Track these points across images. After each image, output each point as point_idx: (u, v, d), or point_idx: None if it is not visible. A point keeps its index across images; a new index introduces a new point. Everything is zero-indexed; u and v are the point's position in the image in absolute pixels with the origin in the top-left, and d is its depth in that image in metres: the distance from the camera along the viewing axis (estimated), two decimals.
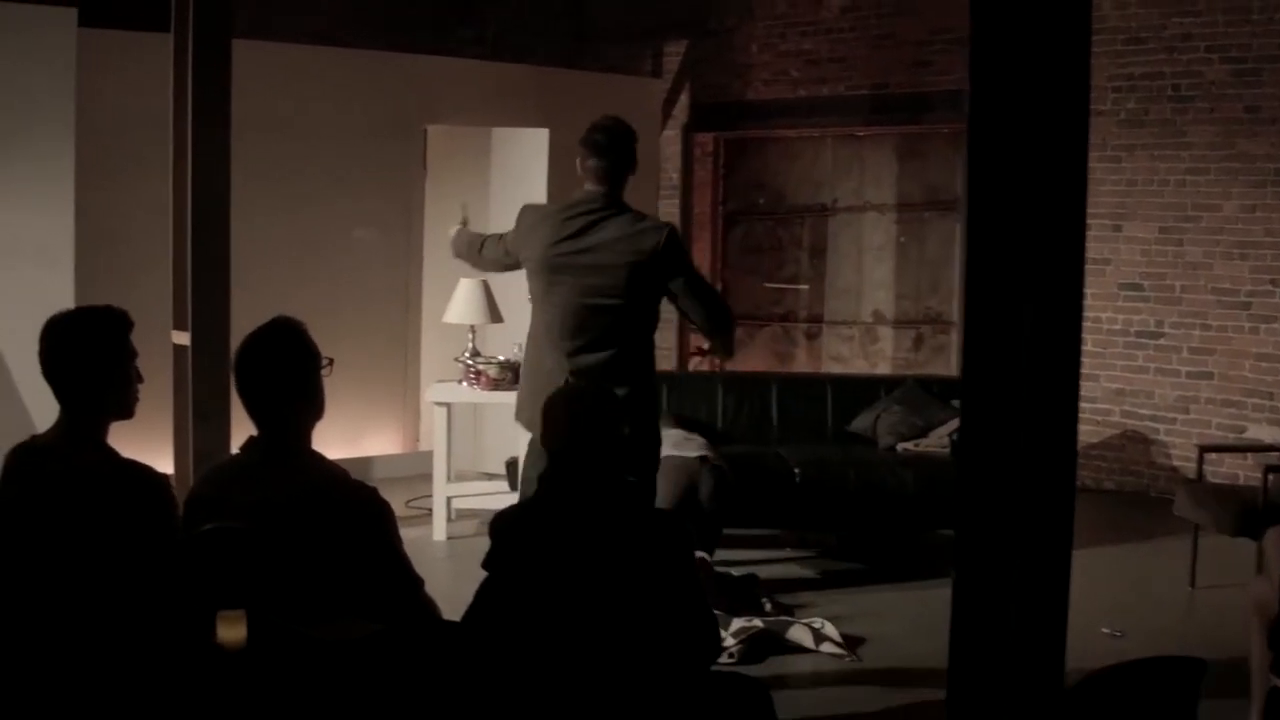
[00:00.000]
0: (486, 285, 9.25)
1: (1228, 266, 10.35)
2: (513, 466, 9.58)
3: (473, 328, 9.50)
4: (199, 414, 7.09)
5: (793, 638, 7.10)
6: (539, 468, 4.78)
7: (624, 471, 4.40)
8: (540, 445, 4.52)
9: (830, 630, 7.16)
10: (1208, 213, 10.43)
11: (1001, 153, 3.51)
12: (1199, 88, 10.40)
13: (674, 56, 13.31)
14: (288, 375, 4.14)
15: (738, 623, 7.07)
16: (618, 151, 6.29)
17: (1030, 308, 3.48)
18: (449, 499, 9.38)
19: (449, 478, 9.36)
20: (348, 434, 10.38)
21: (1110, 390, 10.90)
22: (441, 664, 3.57)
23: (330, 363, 4.30)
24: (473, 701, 3.50)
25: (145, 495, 2.74)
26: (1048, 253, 3.50)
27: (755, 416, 9.09)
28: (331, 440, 5.55)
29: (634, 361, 6.00)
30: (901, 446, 9.26)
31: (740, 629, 7.01)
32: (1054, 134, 3.46)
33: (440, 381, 9.72)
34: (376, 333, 10.89)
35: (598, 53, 13.34)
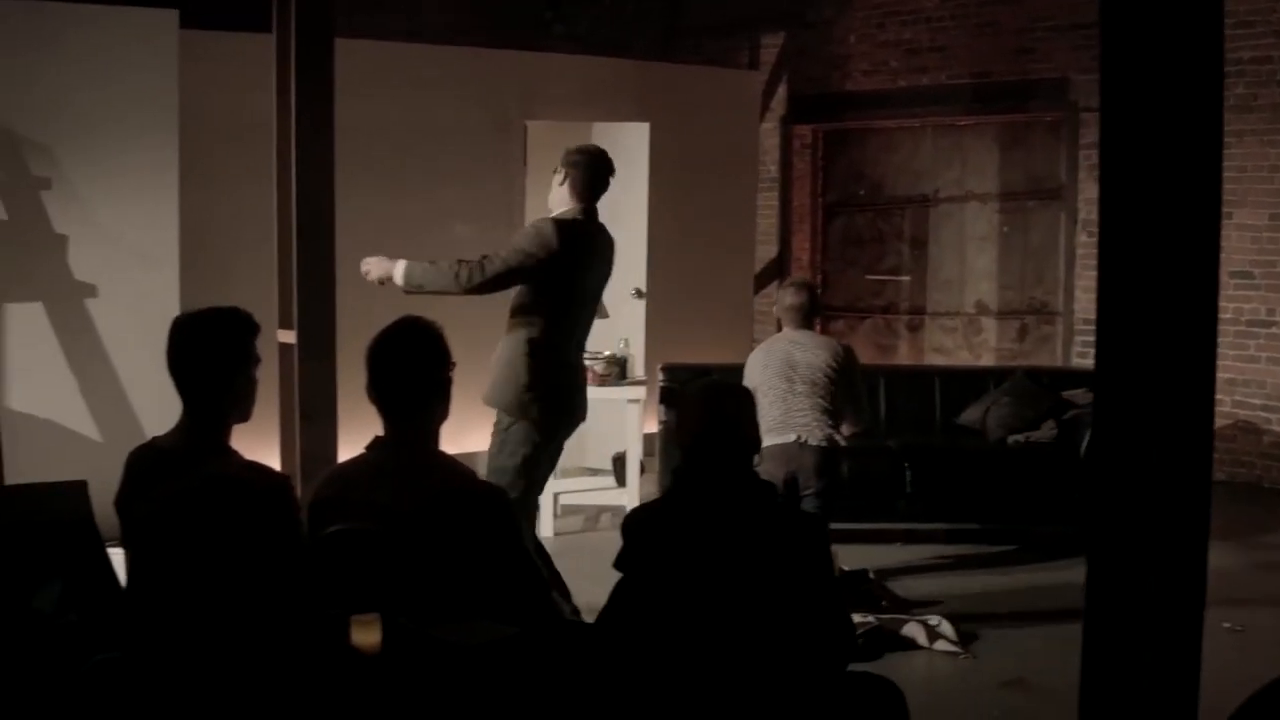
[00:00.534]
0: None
1: None
2: (619, 461, 9.58)
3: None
4: (305, 414, 7.12)
5: (907, 634, 7.04)
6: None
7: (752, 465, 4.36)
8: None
9: (946, 628, 7.09)
10: None
11: (1135, 143, 3.45)
12: None
13: (771, 48, 13.23)
14: (423, 374, 4.14)
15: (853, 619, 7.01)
16: (603, 173, 7.28)
17: (1165, 301, 3.42)
18: (555, 495, 9.36)
19: (555, 474, 9.32)
20: (451, 430, 10.29)
21: (1221, 380, 10.73)
22: (579, 667, 3.55)
23: (453, 365, 4.30)
24: (610, 704, 3.48)
25: (270, 500, 2.72)
26: (1183, 244, 3.44)
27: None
28: None
29: None
30: (1012, 439, 9.17)
31: (855, 625, 6.95)
32: (1188, 122, 3.40)
33: None
34: (480, 329, 10.88)
35: (693, 46, 13.29)
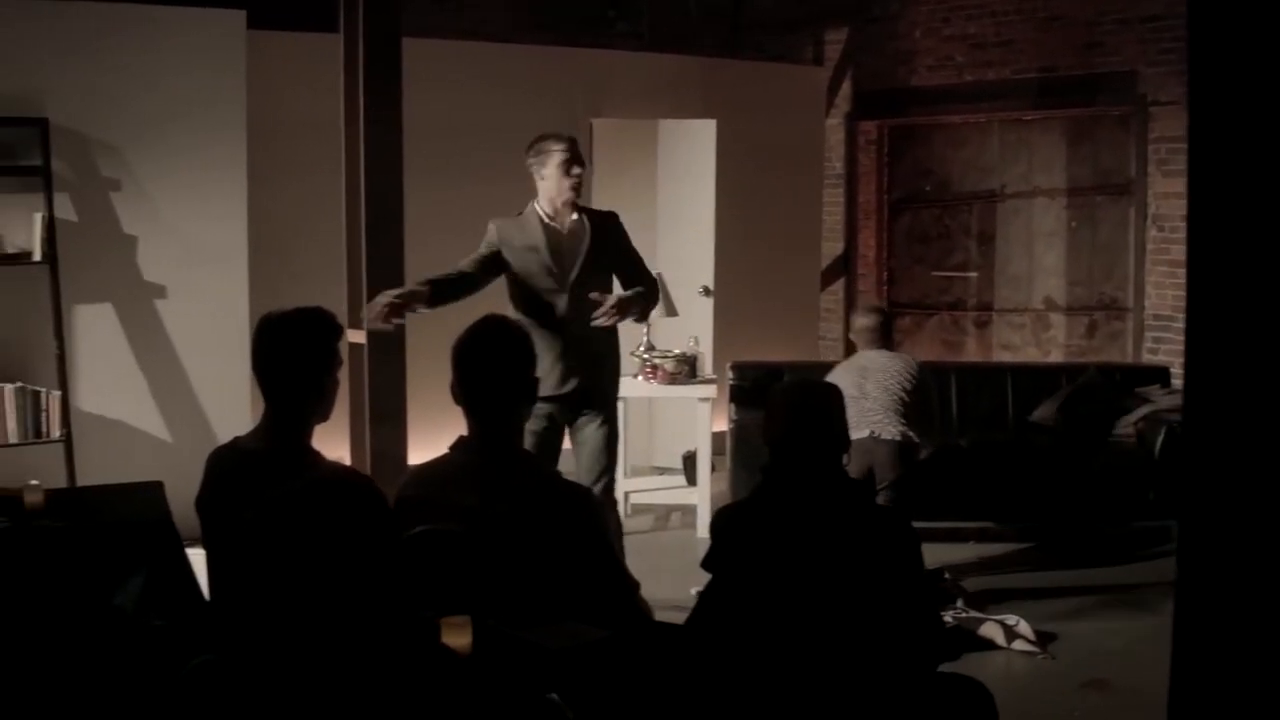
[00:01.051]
0: (661, 278, 9.14)
1: None
2: (690, 460, 9.54)
3: (648, 322, 9.42)
4: (375, 414, 7.12)
5: (985, 634, 6.99)
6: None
7: (842, 463, 4.32)
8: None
9: (1024, 628, 7.02)
10: None
11: (1226, 140, 3.38)
12: None
13: (835, 44, 13.16)
14: (512, 374, 4.09)
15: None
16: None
17: (1256, 299, 3.35)
18: (626, 494, 9.33)
19: (625, 472, 9.30)
20: None
21: None
22: (670, 669, 3.51)
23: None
24: (700, 706, 3.44)
25: (369, 502, 2.69)
26: (1274, 240, 3.37)
27: (934, 407, 8.90)
28: None
29: None
30: (1085, 436, 9.07)
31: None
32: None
33: None
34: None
35: (756, 42, 13.23)
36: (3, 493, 5.03)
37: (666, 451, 10.50)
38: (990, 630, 7.01)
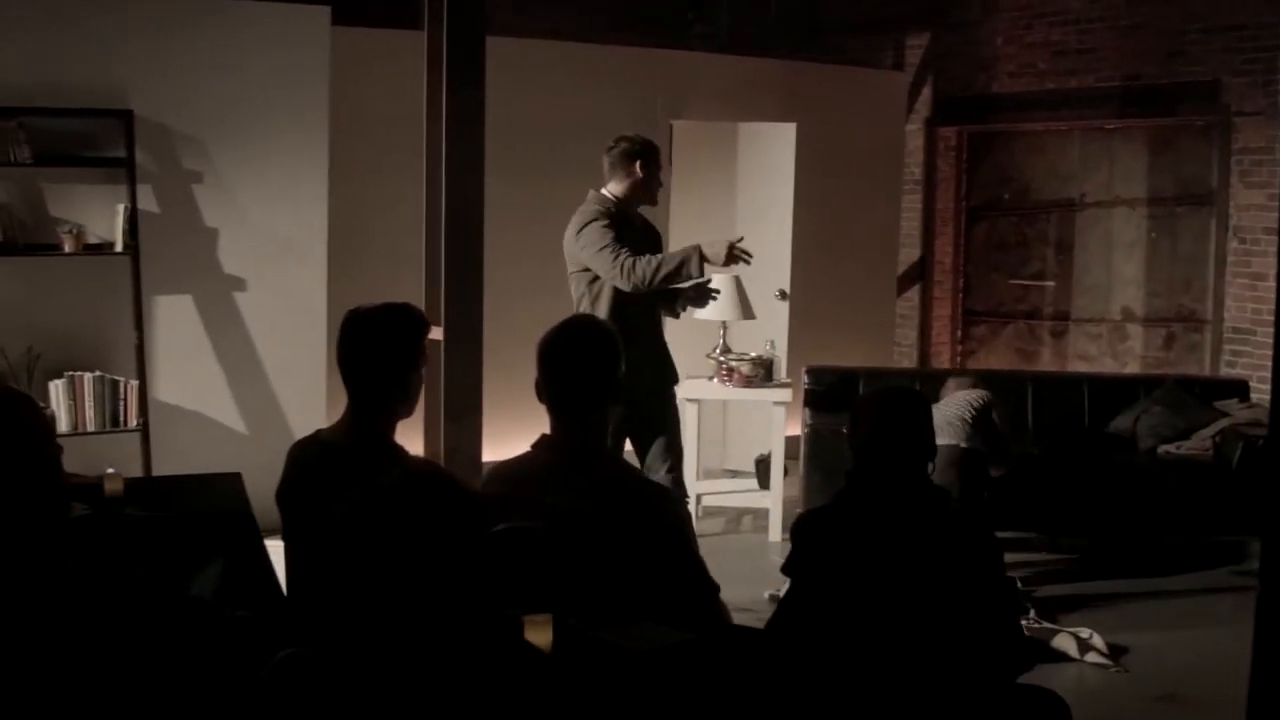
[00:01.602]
0: (739, 280, 9.14)
1: None
2: (763, 464, 9.53)
3: (724, 324, 9.42)
4: (451, 412, 7.13)
5: (1058, 646, 6.97)
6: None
7: (927, 472, 4.29)
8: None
9: (1097, 640, 6.99)
10: None
11: None
12: None
13: (916, 49, 13.10)
14: (598, 373, 4.06)
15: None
16: None
17: None
18: (698, 496, 9.32)
19: (697, 475, 9.29)
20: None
21: None
22: (752, 673, 3.50)
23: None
24: (781, 711, 3.42)
25: (461, 498, 2.69)
26: None
27: (1009, 417, 8.84)
28: None
29: None
30: (1163, 449, 9.01)
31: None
32: None
33: (690, 378, 9.38)
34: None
35: (836, 45, 13.19)
36: (82, 480, 5.07)
37: (740, 455, 10.49)
38: (1063, 642, 6.97)
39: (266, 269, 8.80)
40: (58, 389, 8.04)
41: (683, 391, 9.34)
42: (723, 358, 9.26)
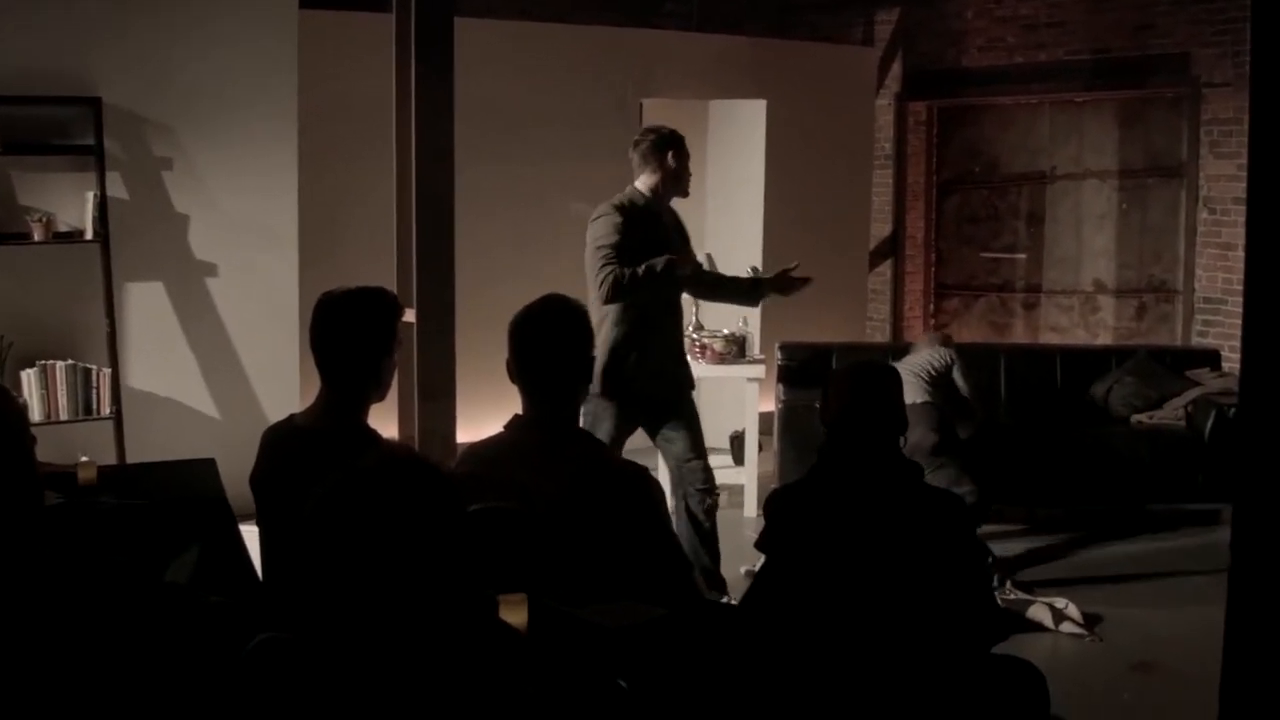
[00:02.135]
0: (710, 258, 9.11)
1: None
2: (737, 440, 9.54)
3: (696, 301, 9.41)
4: (425, 393, 7.12)
5: (1033, 616, 7.00)
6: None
7: (899, 446, 4.30)
8: None
9: (1072, 610, 7.02)
10: None
11: None
12: None
13: (885, 24, 13.11)
14: (571, 353, 4.06)
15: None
16: None
17: None
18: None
19: None
20: None
21: None
22: (727, 648, 3.51)
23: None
24: (756, 686, 3.44)
25: (440, 481, 2.69)
26: None
27: (982, 388, 8.87)
28: None
29: None
30: (1136, 419, 9.06)
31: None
32: None
33: None
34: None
35: (806, 22, 13.20)
36: (55, 469, 5.06)
37: (714, 431, 10.46)
38: (1038, 612, 7.00)
39: (237, 254, 8.77)
40: (30, 378, 8.01)
41: None
42: (696, 334, 9.25)
